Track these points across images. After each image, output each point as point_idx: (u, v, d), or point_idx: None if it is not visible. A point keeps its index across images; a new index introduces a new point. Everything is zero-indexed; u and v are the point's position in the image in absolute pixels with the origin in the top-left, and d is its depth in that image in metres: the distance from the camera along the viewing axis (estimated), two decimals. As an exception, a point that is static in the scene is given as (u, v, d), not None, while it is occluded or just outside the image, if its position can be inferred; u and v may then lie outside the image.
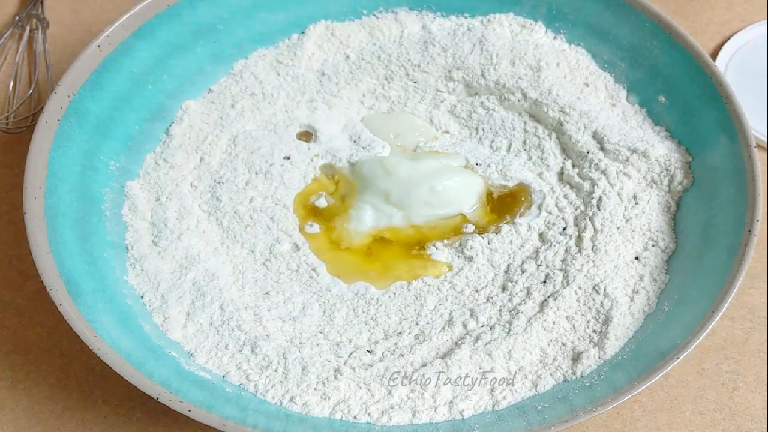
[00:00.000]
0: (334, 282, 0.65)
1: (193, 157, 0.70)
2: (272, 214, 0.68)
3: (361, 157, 0.71)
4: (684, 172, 0.67)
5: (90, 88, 0.66)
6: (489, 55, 0.73)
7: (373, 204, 0.69)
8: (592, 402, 0.54)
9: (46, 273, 0.57)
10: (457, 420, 0.57)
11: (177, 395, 0.54)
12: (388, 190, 0.69)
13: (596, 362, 0.59)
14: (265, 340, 0.60)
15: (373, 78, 0.75)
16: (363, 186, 0.70)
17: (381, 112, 0.75)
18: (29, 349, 0.66)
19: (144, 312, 0.62)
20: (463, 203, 0.69)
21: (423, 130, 0.74)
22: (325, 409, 0.57)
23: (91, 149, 0.66)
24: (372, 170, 0.70)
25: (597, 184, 0.67)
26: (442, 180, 0.68)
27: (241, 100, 0.73)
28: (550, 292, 0.63)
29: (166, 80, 0.72)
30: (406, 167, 0.69)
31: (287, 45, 0.76)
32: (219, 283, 0.64)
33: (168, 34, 0.71)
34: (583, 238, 0.65)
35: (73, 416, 0.63)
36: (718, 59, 0.81)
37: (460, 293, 0.64)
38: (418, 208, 0.68)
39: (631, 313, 0.62)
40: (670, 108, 0.70)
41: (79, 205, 0.64)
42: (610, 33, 0.73)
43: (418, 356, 0.61)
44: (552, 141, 0.72)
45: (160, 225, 0.66)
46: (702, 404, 0.65)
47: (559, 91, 0.72)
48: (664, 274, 0.64)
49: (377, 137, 0.73)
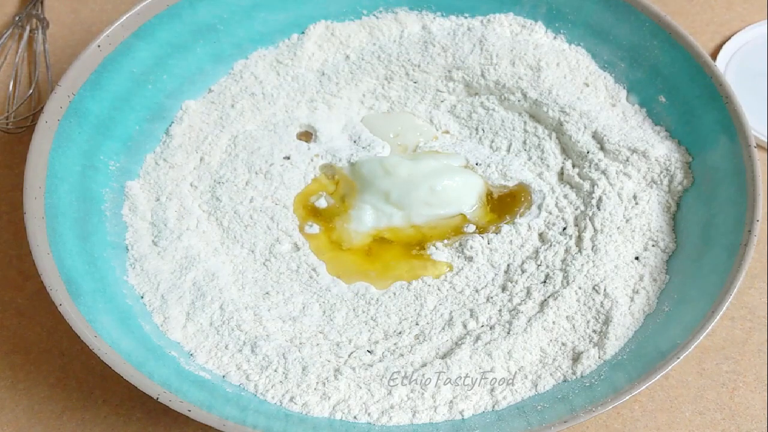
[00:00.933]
0: (334, 282, 0.65)
1: (193, 157, 0.70)
2: (272, 214, 0.68)
3: (361, 157, 0.71)
4: (684, 172, 0.67)
5: (90, 88, 0.66)
6: (489, 55, 0.73)
7: (373, 204, 0.69)
8: (592, 402, 0.54)
9: (46, 273, 0.57)
10: (457, 420, 0.57)
11: (177, 395, 0.54)
12: (388, 190, 0.69)
13: (596, 362, 0.59)
14: (265, 340, 0.60)
15: (373, 78, 0.75)
16: (363, 186, 0.70)
17: (381, 112, 0.75)
18: (29, 349, 0.66)
19: (144, 312, 0.62)
20: (463, 203, 0.69)
21: (423, 130, 0.74)
22: (325, 409, 0.57)
23: (91, 149, 0.66)
24: (372, 170, 0.70)
25: (597, 184, 0.67)
26: (442, 180, 0.68)
27: (241, 100, 0.73)
28: (550, 292, 0.63)
29: (166, 80, 0.72)
30: (406, 167, 0.69)
31: (287, 45, 0.76)
32: (219, 283, 0.64)
33: (168, 34, 0.71)
34: (583, 238, 0.65)
35: (73, 416, 0.63)
36: (718, 59, 0.81)
37: (460, 293, 0.64)
38: (418, 208, 0.68)
39: (631, 313, 0.62)
40: (670, 108, 0.70)
41: (79, 205, 0.64)
42: (610, 33, 0.73)
43: (418, 356, 0.61)
44: (552, 141, 0.72)
45: (160, 225, 0.66)
46: (702, 404, 0.65)
47: (559, 91, 0.72)
48: (664, 274, 0.64)
49: (377, 137, 0.73)
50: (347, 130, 0.74)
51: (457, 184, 0.69)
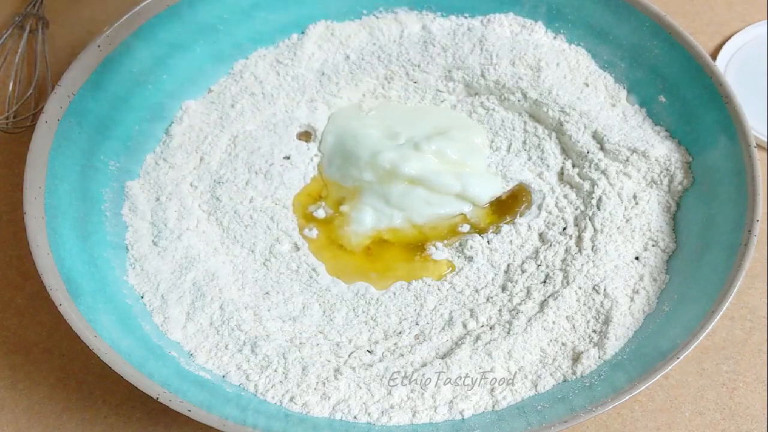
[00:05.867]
0: (334, 282, 0.65)
1: (193, 157, 0.70)
2: (272, 214, 0.68)
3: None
4: (684, 172, 0.67)
5: (90, 88, 0.66)
6: (489, 55, 0.73)
7: (373, 205, 0.69)
8: (592, 402, 0.54)
9: (46, 273, 0.57)
10: (457, 420, 0.57)
11: (177, 395, 0.54)
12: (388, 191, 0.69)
13: (596, 362, 0.59)
14: (265, 340, 0.60)
15: (373, 78, 0.75)
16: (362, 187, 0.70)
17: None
18: (29, 349, 0.66)
19: (144, 312, 0.62)
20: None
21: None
22: (325, 409, 0.57)
23: (91, 149, 0.66)
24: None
25: (597, 184, 0.67)
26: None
27: (241, 100, 0.73)
28: (550, 292, 0.63)
29: (166, 80, 0.72)
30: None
31: (287, 45, 0.76)
32: (219, 283, 0.64)
33: (168, 34, 0.71)
34: (583, 238, 0.65)
35: (73, 416, 0.63)
36: (718, 59, 0.81)
37: (460, 293, 0.64)
38: (419, 207, 0.68)
39: (631, 313, 0.62)
40: (670, 108, 0.70)
41: (79, 205, 0.64)
42: (610, 33, 0.73)
43: (418, 356, 0.61)
44: (552, 141, 0.72)
45: (160, 225, 0.66)
46: (702, 404, 0.65)
47: (559, 91, 0.72)
48: (664, 274, 0.64)
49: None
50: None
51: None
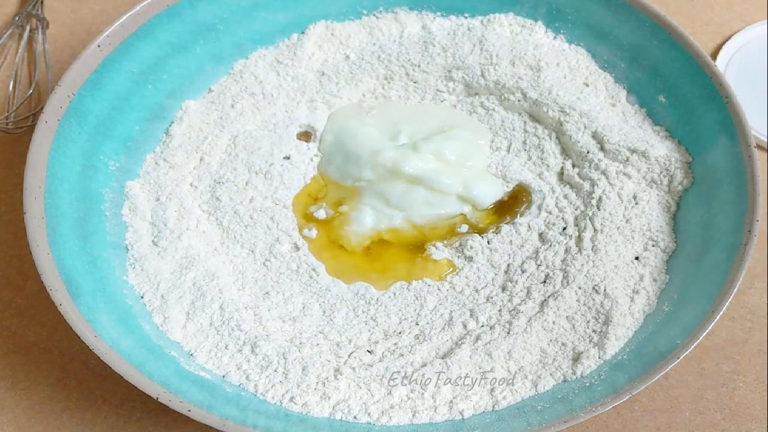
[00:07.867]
0: (334, 282, 0.65)
1: (193, 157, 0.70)
2: (272, 214, 0.68)
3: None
4: (684, 172, 0.67)
5: (90, 88, 0.66)
6: (489, 55, 0.73)
7: (373, 205, 0.69)
8: (592, 402, 0.54)
9: (46, 273, 0.57)
10: (457, 420, 0.57)
11: (177, 395, 0.54)
12: (388, 191, 0.69)
13: (596, 362, 0.59)
14: (265, 340, 0.60)
15: (373, 78, 0.75)
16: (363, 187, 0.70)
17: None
18: (29, 349, 0.66)
19: (144, 312, 0.62)
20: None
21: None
22: (325, 409, 0.57)
23: (91, 149, 0.66)
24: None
25: (597, 184, 0.67)
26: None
27: (241, 100, 0.73)
28: (550, 292, 0.63)
29: (166, 80, 0.72)
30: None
31: (287, 45, 0.76)
32: (219, 283, 0.64)
33: (168, 34, 0.71)
34: (583, 238, 0.65)
35: (73, 416, 0.63)
36: (718, 59, 0.81)
37: (460, 293, 0.64)
38: (419, 207, 0.68)
39: (631, 313, 0.62)
40: (670, 108, 0.70)
41: (79, 205, 0.64)
42: (610, 33, 0.73)
43: (418, 356, 0.61)
44: (552, 141, 0.72)
45: (160, 225, 0.66)
46: (702, 404, 0.65)
47: (559, 91, 0.72)
48: (664, 274, 0.64)
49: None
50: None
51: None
